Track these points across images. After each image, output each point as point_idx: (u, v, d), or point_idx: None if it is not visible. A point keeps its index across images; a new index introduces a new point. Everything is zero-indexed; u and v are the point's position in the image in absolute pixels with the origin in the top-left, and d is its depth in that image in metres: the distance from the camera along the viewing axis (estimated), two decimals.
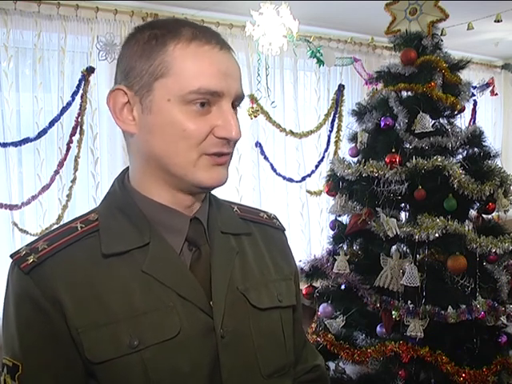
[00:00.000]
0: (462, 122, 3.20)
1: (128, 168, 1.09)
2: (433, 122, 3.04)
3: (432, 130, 2.96)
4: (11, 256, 0.98)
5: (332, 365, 3.27)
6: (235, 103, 1.01)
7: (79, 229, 1.00)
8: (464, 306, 2.75)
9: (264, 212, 1.27)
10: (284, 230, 1.28)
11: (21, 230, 4.34)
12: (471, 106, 6.41)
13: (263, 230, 1.20)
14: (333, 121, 5.98)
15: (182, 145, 0.95)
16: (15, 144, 4.30)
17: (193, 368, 0.96)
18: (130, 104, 0.98)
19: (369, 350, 2.95)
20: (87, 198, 4.66)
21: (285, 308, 1.13)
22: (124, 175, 1.09)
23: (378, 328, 2.99)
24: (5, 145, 4.26)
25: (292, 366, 1.16)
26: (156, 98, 0.95)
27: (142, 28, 1.00)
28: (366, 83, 5.40)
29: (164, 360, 0.94)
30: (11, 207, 4.32)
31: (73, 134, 4.46)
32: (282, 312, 1.12)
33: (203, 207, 1.07)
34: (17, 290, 0.96)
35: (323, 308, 3.13)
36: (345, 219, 3.19)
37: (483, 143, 3.04)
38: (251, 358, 1.03)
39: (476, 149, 3.05)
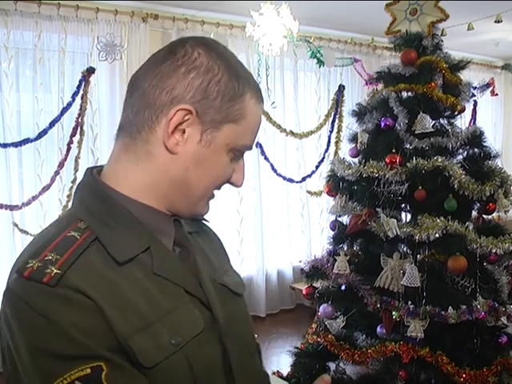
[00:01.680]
0: (462, 122, 3.20)
1: (90, 170, 1.06)
2: (433, 122, 3.04)
3: (432, 130, 2.96)
4: (18, 272, 0.88)
5: (332, 365, 3.27)
6: None
7: (78, 237, 0.94)
8: (464, 307, 2.75)
9: None
10: (208, 222, 1.30)
11: (21, 230, 4.35)
12: (471, 107, 6.41)
13: (201, 227, 1.24)
14: (333, 121, 5.98)
15: (213, 183, 1.03)
16: (15, 144, 4.30)
17: (216, 358, 1.01)
18: (187, 125, 0.98)
19: (369, 351, 2.95)
20: None
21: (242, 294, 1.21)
22: (93, 179, 1.04)
23: (379, 328, 2.99)
24: (5, 145, 4.27)
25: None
26: (221, 137, 0.99)
27: (204, 53, 0.98)
28: (366, 84, 5.40)
29: (201, 354, 0.97)
30: (11, 208, 4.33)
31: (73, 135, 4.47)
32: (243, 297, 1.21)
33: None
34: (46, 304, 0.85)
35: (323, 308, 3.13)
36: (345, 220, 3.19)
37: (483, 143, 3.04)
38: (242, 342, 1.09)
39: (476, 149, 3.04)
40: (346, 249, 3.15)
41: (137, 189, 1.01)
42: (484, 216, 3.01)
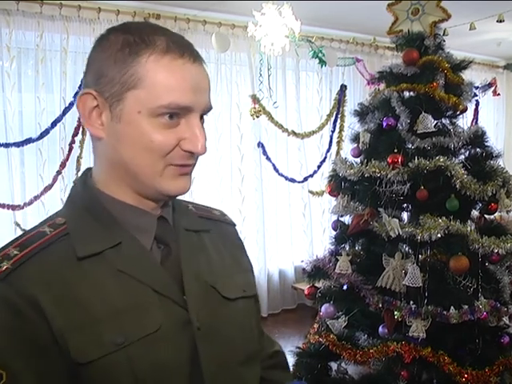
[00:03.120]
0: (464, 122, 3.20)
1: (89, 169, 1.10)
2: (435, 122, 3.03)
3: (434, 130, 2.95)
4: None
5: (334, 365, 3.27)
6: (203, 114, 1.03)
7: (48, 233, 0.99)
8: (466, 307, 2.75)
9: (216, 209, 1.32)
10: (235, 224, 1.32)
11: (23, 230, 4.34)
12: (473, 106, 6.39)
13: (218, 227, 1.24)
14: (335, 121, 5.99)
15: (149, 155, 0.97)
16: (17, 144, 4.31)
17: (174, 361, 0.98)
18: (99, 108, 0.99)
19: (371, 351, 2.95)
20: None
21: (249, 298, 1.18)
22: (85, 177, 1.08)
23: (380, 328, 2.99)
24: (7, 145, 4.28)
25: (259, 352, 1.20)
26: (126, 108, 0.96)
27: (116, 31, 0.99)
28: (368, 83, 5.40)
29: (148, 355, 0.95)
30: (14, 207, 4.34)
31: (75, 135, 4.48)
32: (246, 302, 1.17)
33: (167, 206, 1.10)
34: None
35: (325, 308, 3.13)
36: (347, 219, 3.19)
37: (485, 143, 3.03)
38: (226, 347, 1.06)
39: (478, 149, 3.04)
40: (347, 249, 3.15)
41: (106, 184, 1.04)
42: (486, 216, 3.00)
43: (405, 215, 3.19)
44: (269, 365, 1.28)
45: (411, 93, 3.11)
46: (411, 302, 2.82)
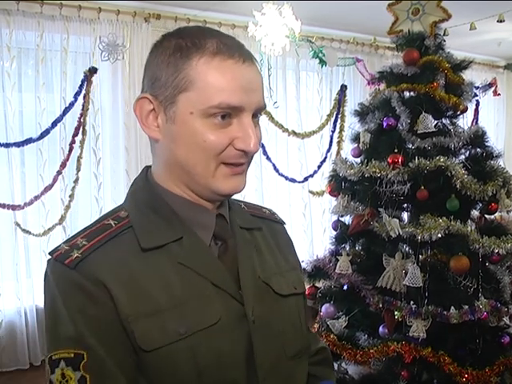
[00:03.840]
0: (464, 122, 3.20)
1: (147, 167, 1.14)
2: (435, 122, 3.03)
3: (434, 130, 2.95)
4: (50, 253, 1.02)
5: (334, 365, 3.26)
6: (256, 113, 1.05)
7: (113, 225, 1.04)
8: (467, 307, 2.75)
9: (265, 208, 1.36)
10: (284, 223, 1.36)
11: (23, 230, 4.35)
12: (474, 107, 6.39)
13: (269, 225, 1.28)
14: (335, 121, 5.98)
15: (202, 155, 1.00)
16: (18, 144, 4.31)
17: (232, 352, 1.02)
18: (155, 111, 1.03)
19: (371, 351, 2.95)
20: (90, 198, 4.67)
21: (299, 295, 1.22)
22: (146, 174, 1.13)
23: (381, 328, 2.99)
24: (7, 145, 4.27)
25: (308, 348, 1.24)
26: (179, 110, 1.00)
27: (169, 36, 1.04)
28: (369, 83, 5.39)
29: (209, 345, 0.99)
30: (14, 207, 4.34)
31: (75, 135, 4.47)
32: (297, 298, 1.21)
33: (224, 205, 1.14)
34: (64, 285, 0.98)
35: (326, 308, 3.13)
36: (347, 219, 3.19)
37: (486, 143, 3.03)
38: (278, 342, 1.10)
39: (478, 149, 3.04)
40: (348, 249, 3.15)
41: (166, 182, 1.08)
42: (486, 216, 3.00)
43: (405, 215, 3.19)
44: (315, 361, 1.31)
45: (411, 93, 3.11)
46: (411, 302, 2.82)
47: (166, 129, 1.02)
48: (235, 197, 1.19)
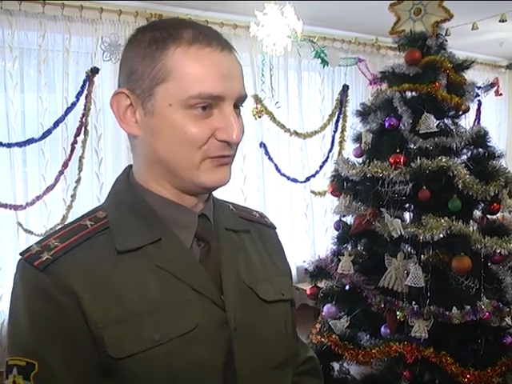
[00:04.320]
0: (466, 122, 3.20)
1: (130, 166, 1.10)
2: (437, 122, 3.03)
3: (436, 130, 2.95)
4: (21, 254, 0.97)
5: (336, 365, 3.26)
6: (238, 104, 1.01)
7: (89, 226, 1.00)
8: (468, 307, 2.75)
9: (256, 211, 1.31)
10: (275, 228, 1.31)
11: (25, 230, 4.36)
12: (476, 107, 6.39)
13: (258, 228, 1.23)
14: (337, 121, 5.98)
15: (184, 148, 0.96)
16: (20, 144, 4.31)
17: (210, 359, 0.98)
18: (132, 106, 0.99)
19: (373, 351, 2.95)
20: (92, 198, 4.68)
21: (286, 301, 1.17)
22: (128, 173, 1.09)
23: (383, 329, 2.99)
24: (9, 145, 4.28)
25: (293, 358, 1.19)
26: (158, 102, 0.96)
27: (144, 29, 1.00)
28: (371, 83, 5.39)
29: (185, 352, 0.95)
30: (16, 207, 4.34)
31: (77, 135, 4.48)
32: (284, 305, 1.16)
33: (208, 204, 1.09)
34: (30, 288, 0.94)
35: (327, 308, 3.13)
36: (349, 220, 3.19)
37: (488, 143, 3.03)
38: (261, 350, 1.05)
39: (480, 149, 3.04)
40: (350, 249, 3.15)
41: (147, 181, 1.04)
42: (488, 216, 3.00)
43: (407, 215, 3.19)
44: (301, 371, 1.27)
45: (413, 93, 3.11)
46: (413, 303, 2.82)
47: (145, 123, 0.98)
48: (228, 198, 1.16)
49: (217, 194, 1.13)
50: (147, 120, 0.98)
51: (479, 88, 6.21)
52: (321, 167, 5.94)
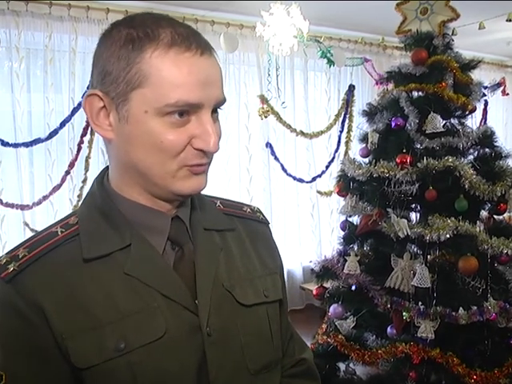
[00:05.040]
0: (473, 122, 3.19)
1: (107, 168, 1.06)
2: (444, 122, 3.03)
3: (443, 130, 2.95)
4: None
5: (342, 366, 3.26)
6: (216, 107, 0.98)
7: (59, 233, 0.97)
8: (475, 308, 2.74)
9: (247, 206, 1.25)
10: (268, 223, 1.26)
11: (32, 230, 4.37)
12: (482, 106, 6.38)
13: (247, 225, 1.18)
14: (343, 121, 5.98)
15: (160, 156, 0.92)
16: (26, 144, 4.33)
17: (180, 368, 0.95)
18: (106, 109, 0.94)
19: (379, 351, 2.95)
20: None
21: (271, 303, 1.12)
22: (103, 176, 1.06)
23: (389, 329, 2.98)
24: (16, 145, 4.29)
25: (279, 361, 1.15)
26: (133, 108, 0.91)
27: (119, 26, 0.94)
28: (377, 83, 5.38)
29: (151, 362, 0.92)
30: (22, 207, 4.36)
31: (84, 135, 4.49)
32: (268, 307, 1.11)
33: (184, 206, 1.05)
34: None
35: (334, 309, 3.13)
36: (355, 220, 3.18)
37: (494, 143, 3.02)
38: (238, 356, 1.02)
39: (487, 149, 3.03)
40: (356, 249, 3.15)
41: (119, 185, 1.01)
42: (495, 216, 2.99)
43: (413, 215, 3.18)
44: (292, 373, 1.22)
45: (420, 93, 3.11)
46: (420, 303, 2.81)
47: (120, 128, 0.93)
48: (234, 198, 1.12)
49: (223, 194, 1.12)
50: (122, 125, 0.93)
51: (486, 88, 6.19)
52: (327, 167, 5.94)
